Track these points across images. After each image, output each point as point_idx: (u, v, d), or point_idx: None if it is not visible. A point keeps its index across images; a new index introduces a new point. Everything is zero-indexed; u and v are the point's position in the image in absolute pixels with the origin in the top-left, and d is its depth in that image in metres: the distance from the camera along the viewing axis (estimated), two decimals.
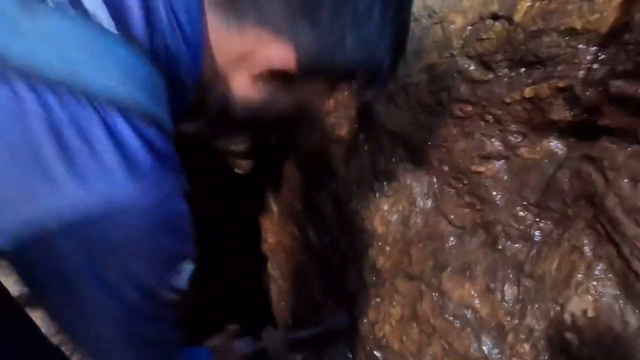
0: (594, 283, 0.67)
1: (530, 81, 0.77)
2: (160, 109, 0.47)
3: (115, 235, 0.42)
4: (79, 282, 0.44)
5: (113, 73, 0.43)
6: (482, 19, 0.84)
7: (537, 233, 0.82)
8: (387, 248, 1.20)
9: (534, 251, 0.82)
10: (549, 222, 0.81)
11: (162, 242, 0.46)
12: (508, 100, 0.81)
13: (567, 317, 0.71)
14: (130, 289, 0.46)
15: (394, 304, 1.19)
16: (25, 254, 0.42)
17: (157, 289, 0.49)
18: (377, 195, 1.23)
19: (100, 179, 0.40)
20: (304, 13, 0.50)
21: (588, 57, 0.66)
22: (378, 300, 1.27)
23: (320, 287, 1.69)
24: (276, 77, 0.53)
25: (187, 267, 0.51)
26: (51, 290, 0.46)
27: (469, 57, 0.87)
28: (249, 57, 0.52)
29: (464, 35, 0.88)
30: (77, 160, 0.40)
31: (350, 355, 1.57)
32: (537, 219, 0.82)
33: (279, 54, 0.51)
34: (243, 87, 0.55)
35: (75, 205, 0.40)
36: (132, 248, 0.44)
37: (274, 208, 1.88)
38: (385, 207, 1.21)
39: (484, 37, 0.84)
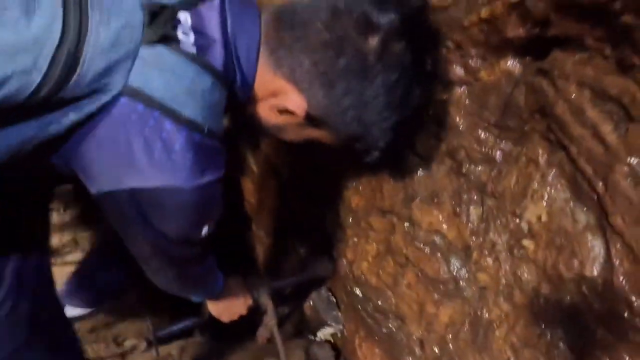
0: (548, 189, 0.71)
1: (485, 1, 0.78)
2: (218, 122, 0.68)
3: (167, 201, 0.67)
4: (132, 219, 0.69)
5: (199, 101, 0.63)
6: None
7: (498, 153, 0.85)
8: (360, 187, 1.23)
9: (495, 171, 0.86)
10: (509, 142, 0.84)
11: (194, 212, 0.70)
12: (466, 23, 0.83)
13: (524, 225, 0.75)
14: (164, 229, 0.71)
15: (370, 241, 1.23)
16: (106, 200, 0.68)
17: (182, 235, 0.74)
18: None
19: (167, 170, 0.63)
20: (322, 82, 0.68)
21: None
22: (355, 240, 1.31)
23: (302, 239, 1.73)
24: (288, 115, 0.73)
25: (206, 228, 0.75)
26: (114, 220, 0.73)
27: None
28: (275, 93, 0.72)
29: None
30: (156, 157, 0.62)
31: (333, 298, 1.62)
32: (498, 140, 0.85)
33: (294, 102, 0.70)
34: (265, 113, 0.75)
35: (147, 181, 0.64)
36: (174, 210, 0.68)
37: (254, 169, 1.88)
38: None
39: None
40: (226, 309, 1.39)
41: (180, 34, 0.62)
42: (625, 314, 0.59)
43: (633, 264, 0.58)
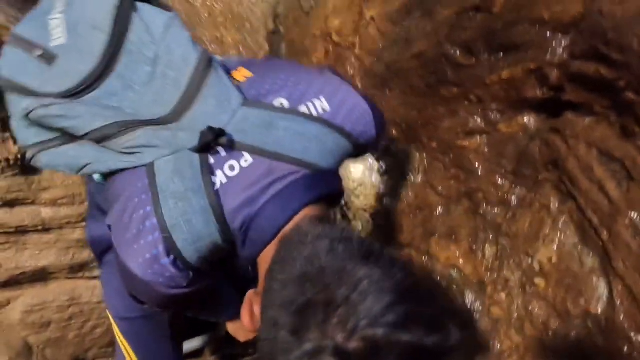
0: (558, 234, 0.80)
1: (506, 64, 0.89)
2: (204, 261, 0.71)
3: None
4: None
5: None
6: (465, 10, 0.96)
7: (513, 197, 0.94)
8: (381, 222, 1.32)
9: (510, 214, 0.94)
10: (523, 188, 0.93)
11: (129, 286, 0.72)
12: (488, 81, 0.93)
13: (536, 265, 0.83)
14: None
15: None
16: None
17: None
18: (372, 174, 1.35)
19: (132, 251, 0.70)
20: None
21: (554, 42, 0.78)
22: None
23: None
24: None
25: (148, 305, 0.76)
26: None
27: (455, 44, 0.99)
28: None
29: (450, 25, 0.99)
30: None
31: None
32: (513, 185, 0.94)
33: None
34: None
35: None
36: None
37: None
38: (381, 186, 1.33)
39: (467, 26, 0.96)
40: (243, 328, 1.45)
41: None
42: (625, 349, 0.67)
43: (632, 304, 0.67)
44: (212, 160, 0.70)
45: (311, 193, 0.69)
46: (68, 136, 0.75)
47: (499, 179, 0.97)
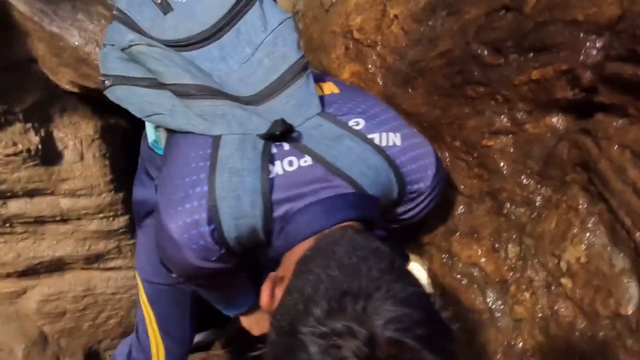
0: (587, 235, 0.80)
1: (537, 65, 0.89)
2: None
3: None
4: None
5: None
6: (494, 10, 0.96)
7: (538, 198, 0.95)
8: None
9: (535, 214, 0.95)
10: (549, 188, 0.93)
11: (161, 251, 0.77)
12: (517, 81, 0.93)
13: (563, 265, 0.84)
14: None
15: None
16: None
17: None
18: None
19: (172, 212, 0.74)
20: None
21: (587, 44, 0.78)
22: None
23: None
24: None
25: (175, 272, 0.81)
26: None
27: (483, 44, 0.99)
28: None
29: (478, 24, 0.99)
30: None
31: None
32: (539, 186, 0.94)
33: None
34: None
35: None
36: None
37: None
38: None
39: (496, 26, 0.96)
40: (257, 323, 1.47)
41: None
42: None
43: None
44: (274, 150, 0.74)
45: (356, 211, 0.72)
46: (154, 81, 0.79)
47: (525, 179, 0.97)
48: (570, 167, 0.87)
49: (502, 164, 1.01)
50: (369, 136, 0.79)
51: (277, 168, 0.72)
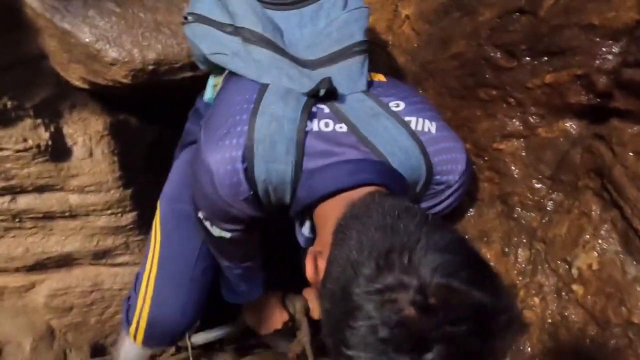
0: (599, 241, 0.79)
1: (551, 69, 0.88)
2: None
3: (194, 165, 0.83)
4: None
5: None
6: (509, 12, 0.95)
7: (550, 203, 0.94)
8: None
9: (546, 218, 0.94)
10: (560, 193, 0.92)
11: (197, 186, 0.81)
12: (530, 85, 0.93)
13: (574, 271, 0.83)
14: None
15: None
16: None
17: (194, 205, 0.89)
18: None
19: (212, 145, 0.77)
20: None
21: (604, 49, 0.78)
22: None
23: None
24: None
25: (202, 214, 0.86)
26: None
27: (496, 46, 0.98)
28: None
29: (491, 27, 0.98)
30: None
31: None
32: (551, 190, 0.94)
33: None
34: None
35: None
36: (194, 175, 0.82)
37: None
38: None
39: (510, 29, 0.95)
40: (262, 321, 1.48)
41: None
42: None
43: None
44: (315, 109, 0.78)
45: (382, 177, 0.74)
46: (231, 28, 0.89)
47: (536, 183, 0.97)
48: (583, 172, 0.86)
49: (513, 167, 1.00)
50: (406, 119, 0.82)
51: (314, 125, 0.76)
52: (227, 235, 0.89)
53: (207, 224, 0.89)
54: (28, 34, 1.41)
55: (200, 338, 1.68)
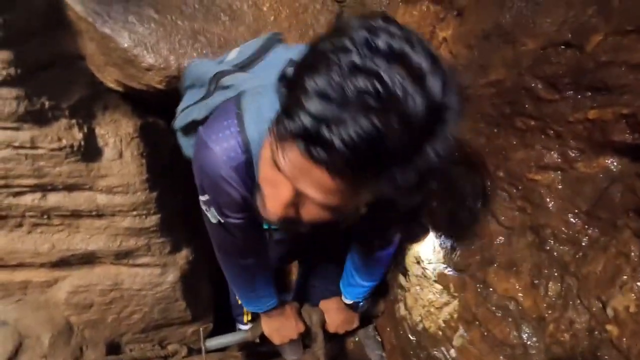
0: (638, 284, 0.78)
1: (595, 104, 0.87)
2: None
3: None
4: None
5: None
6: (553, 45, 0.95)
7: (585, 238, 0.93)
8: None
9: (580, 254, 0.93)
10: (597, 230, 0.91)
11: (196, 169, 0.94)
12: (571, 119, 0.92)
13: (609, 311, 0.82)
14: None
15: (434, 292, 1.31)
16: None
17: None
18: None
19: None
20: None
21: None
22: (418, 288, 1.39)
23: None
24: None
25: (204, 198, 0.95)
26: None
27: (537, 77, 0.98)
28: None
29: (534, 57, 0.98)
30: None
31: (379, 338, 1.69)
32: (586, 226, 0.93)
33: None
34: None
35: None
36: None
37: None
38: (434, 204, 1.32)
39: (554, 61, 0.94)
40: (278, 331, 1.48)
41: None
42: None
43: None
44: None
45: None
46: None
47: (571, 218, 0.96)
48: (622, 211, 0.85)
49: (548, 199, 1.00)
50: None
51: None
52: (222, 220, 0.97)
53: (205, 208, 0.97)
54: (68, 36, 1.43)
55: (214, 343, 1.69)
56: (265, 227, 1.42)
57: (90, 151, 1.50)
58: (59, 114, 1.41)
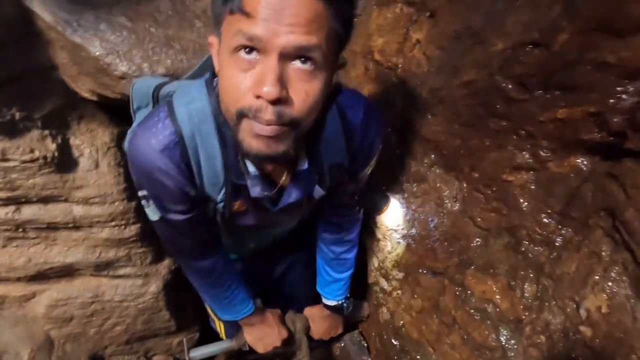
0: (609, 284, 0.77)
1: (563, 104, 0.87)
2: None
3: None
4: None
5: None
6: (522, 44, 0.94)
7: (559, 238, 0.92)
8: (413, 245, 1.30)
9: (554, 254, 0.92)
10: (570, 230, 0.91)
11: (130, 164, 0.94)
12: (542, 118, 0.91)
13: (582, 312, 0.81)
14: None
15: (416, 296, 1.30)
16: None
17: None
18: (406, 196, 1.33)
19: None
20: None
21: (619, 89, 0.76)
22: (399, 292, 1.38)
23: None
24: None
25: (143, 192, 0.94)
26: None
27: (508, 77, 0.97)
28: None
29: (504, 57, 0.97)
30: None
31: (365, 343, 1.67)
32: (560, 226, 0.92)
33: None
34: None
35: None
36: None
37: None
38: (414, 207, 1.31)
39: (523, 60, 0.94)
40: (261, 339, 1.46)
41: None
42: None
43: None
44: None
45: None
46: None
47: (545, 218, 0.95)
48: (593, 210, 0.85)
49: (522, 200, 0.99)
50: None
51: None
52: (163, 215, 0.96)
53: (144, 203, 0.96)
54: (39, 46, 1.41)
55: (198, 353, 1.66)
56: (233, 257, 1.41)
57: (65, 162, 1.47)
58: (31, 125, 1.39)
